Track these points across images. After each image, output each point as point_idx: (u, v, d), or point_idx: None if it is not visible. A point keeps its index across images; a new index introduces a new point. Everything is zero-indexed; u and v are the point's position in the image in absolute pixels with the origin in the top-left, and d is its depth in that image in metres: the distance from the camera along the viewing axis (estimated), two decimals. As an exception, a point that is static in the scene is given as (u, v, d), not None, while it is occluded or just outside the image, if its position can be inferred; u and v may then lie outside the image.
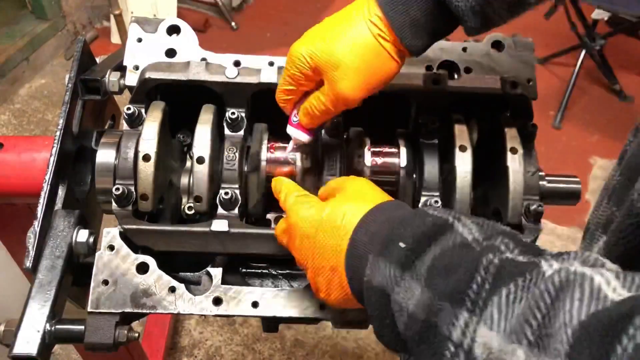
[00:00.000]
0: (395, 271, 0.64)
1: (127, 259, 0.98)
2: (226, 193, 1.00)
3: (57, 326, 0.93)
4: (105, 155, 1.02)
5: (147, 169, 0.97)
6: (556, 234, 3.18)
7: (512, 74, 1.10)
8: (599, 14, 3.98)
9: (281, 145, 1.07)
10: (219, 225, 0.98)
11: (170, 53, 1.11)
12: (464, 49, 1.12)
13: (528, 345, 0.47)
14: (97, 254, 0.98)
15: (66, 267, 0.98)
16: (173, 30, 1.12)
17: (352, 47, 0.82)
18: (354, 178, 0.87)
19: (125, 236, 0.99)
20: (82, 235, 1.01)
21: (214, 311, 0.97)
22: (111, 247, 0.98)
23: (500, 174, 1.01)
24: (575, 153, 3.70)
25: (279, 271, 1.10)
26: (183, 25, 1.12)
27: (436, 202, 1.03)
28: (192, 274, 1.06)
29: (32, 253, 0.97)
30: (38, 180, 1.04)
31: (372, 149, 1.07)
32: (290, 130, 0.95)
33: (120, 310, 0.96)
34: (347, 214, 0.76)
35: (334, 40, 0.83)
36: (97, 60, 1.18)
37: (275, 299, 0.99)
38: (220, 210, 1.01)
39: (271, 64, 1.10)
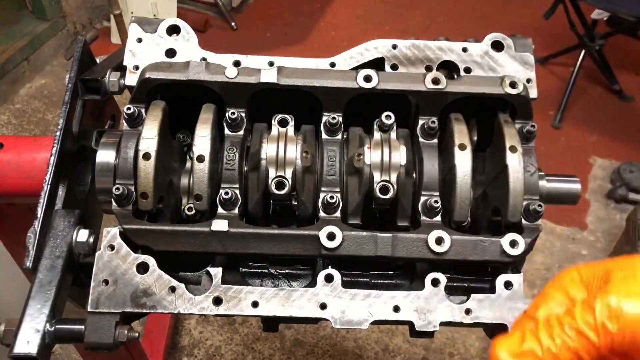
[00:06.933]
0: None
1: (127, 258, 0.98)
2: (226, 193, 1.01)
3: (57, 326, 0.93)
4: (105, 155, 1.02)
5: (147, 168, 0.97)
6: (556, 234, 3.18)
7: (512, 74, 1.10)
8: (598, 14, 3.98)
9: None
10: (219, 225, 0.98)
11: (170, 53, 1.11)
12: (464, 49, 1.12)
13: None
14: (97, 254, 0.98)
15: (66, 266, 0.98)
16: (173, 30, 1.12)
17: None
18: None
19: (125, 236, 0.99)
20: (82, 235, 1.01)
21: (214, 311, 0.98)
22: (111, 247, 0.98)
23: (500, 173, 1.01)
24: (574, 153, 3.70)
25: (279, 271, 1.10)
26: (183, 25, 1.12)
27: (436, 202, 1.03)
28: (192, 273, 1.07)
29: (32, 253, 0.97)
30: (38, 180, 1.04)
31: (372, 148, 1.07)
32: None
33: (120, 310, 0.96)
34: None
35: None
36: (97, 60, 1.19)
37: (275, 299, 0.99)
38: (220, 210, 1.02)
39: (271, 64, 1.10)
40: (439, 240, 1.00)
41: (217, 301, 0.98)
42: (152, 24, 1.12)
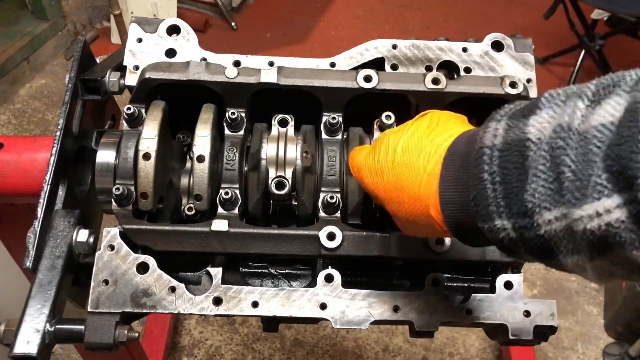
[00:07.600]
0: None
1: (127, 258, 0.98)
2: (226, 193, 1.01)
3: (57, 326, 0.93)
4: (105, 156, 1.02)
5: (147, 167, 0.97)
6: (556, 234, 3.18)
7: (512, 74, 1.10)
8: (598, 14, 3.98)
9: None
10: (219, 225, 0.99)
11: (170, 53, 1.11)
12: (464, 49, 1.12)
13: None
14: (97, 254, 0.98)
15: (66, 266, 0.98)
16: (173, 30, 1.12)
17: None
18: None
19: (125, 236, 0.99)
20: (82, 235, 1.01)
21: (214, 311, 0.98)
22: (111, 247, 0.98)
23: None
24: (575, 153, 3.69)
25: (279, 271, 1.10)
26: (183, 25, 1.13)
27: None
28: (192, 273, 1.07)
29: (32, 253, 0.97)
30: (38, 180, 1.04)
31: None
32: None
33: (120, 310, 0.96)
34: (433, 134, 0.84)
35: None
36: (97, 60, 1.19)
37: (275, 299, 0.99)
38: (220, 210, 1.02)
39: (271, 64, 1.10)
40: (439, 240, 1.00)
41: (217, 301, 0.98)
42: (152, 24, 1.12)
